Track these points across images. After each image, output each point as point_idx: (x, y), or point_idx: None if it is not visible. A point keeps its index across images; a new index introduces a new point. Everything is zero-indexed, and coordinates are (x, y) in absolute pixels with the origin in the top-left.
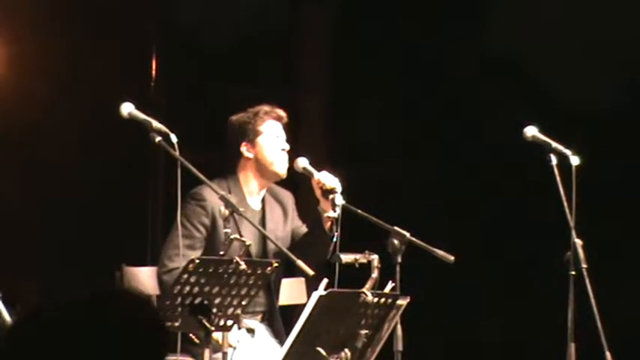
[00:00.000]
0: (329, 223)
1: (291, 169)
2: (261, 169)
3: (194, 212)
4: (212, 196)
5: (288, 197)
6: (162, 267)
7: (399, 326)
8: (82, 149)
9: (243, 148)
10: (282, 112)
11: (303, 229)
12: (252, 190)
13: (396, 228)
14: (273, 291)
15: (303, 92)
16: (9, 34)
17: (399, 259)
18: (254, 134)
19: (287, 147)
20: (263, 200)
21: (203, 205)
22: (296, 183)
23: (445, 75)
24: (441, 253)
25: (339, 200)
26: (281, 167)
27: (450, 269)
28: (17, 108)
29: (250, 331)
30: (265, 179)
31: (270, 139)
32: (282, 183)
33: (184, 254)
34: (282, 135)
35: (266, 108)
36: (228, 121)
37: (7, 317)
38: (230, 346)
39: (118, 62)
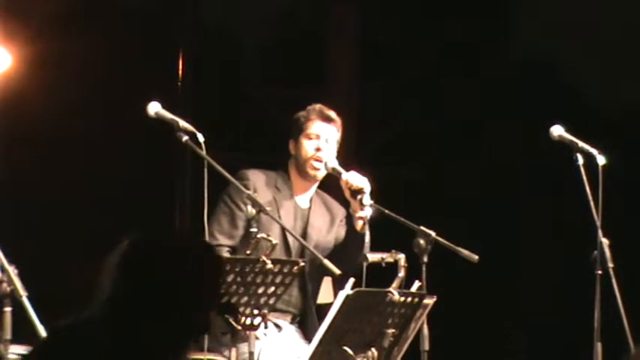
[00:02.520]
0: (361, 223)
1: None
2: (299, 167)
3: (237, 191)
4: (256, 176)
5: (339, 210)
6: None
7: (425, 325)
8: (109, 149)
9: (290, 145)
10: (332, 114)
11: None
12: (299, 187)
13: (422, 227)
14: (308, 294)
15: (333, 93)
16: (35, 32)
17: (425, 259)
18: (299, 132)
19: (325, 149)
20: (311, 200)
21: (246, 185)
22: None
23: (474, 76)
24: (465, 252)
25: (367, 200)
26: (312, 168)
27: (475, 269)
28: (44, 107)
29: (277, 326)
30: (303, 178)
31: (310, 139)
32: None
33: (227, 232)
34: (325, 136)
35: (317, 107)
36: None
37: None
38: (257, 338)
39: (145, 61)
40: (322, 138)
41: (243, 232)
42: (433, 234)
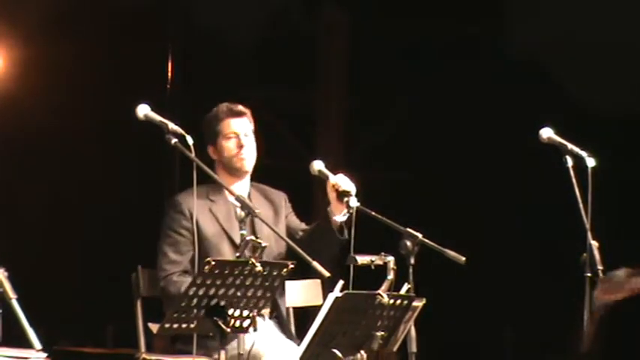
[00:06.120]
0: (338, 225)
1: (307, 171)
2: (227, 168)
3: (173, 220)
4: (186, 198)
5: (279, 196)
6: (159, 280)
7: (412, 328)
8: (98, 150)
9: (210, 151)
10: (241, 108)
11: (303, 225)
12: (230, 186)
13: (409, 229)
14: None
15: (323, 95)
16: (25, 35)
17: (412, 261)
18: (215, 136)
19: (247, 143)
20: (249, 196)
21: (180, 210)
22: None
23: (464, 77)
24: (452, 254)
25: (354, 203)
26: (242, 163)
27: (465, 271)
28: (33, 109)
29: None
30: (235, 177)
31: (229, 138)
32: (300, 186)
33: (174, 260)
34: (243, 131)
35: (224, 107)
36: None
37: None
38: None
39: (134, 63)
40: (241, 133)
41: (191, 253)
42: (420, 236)
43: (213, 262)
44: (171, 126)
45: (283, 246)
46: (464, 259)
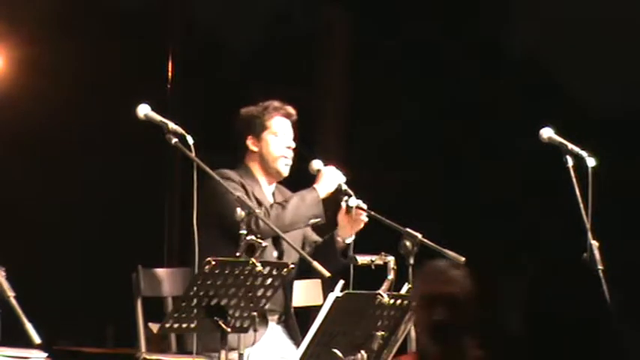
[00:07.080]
0: (343, 247)
1: (307, 170)
2: (265, 164)
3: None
4: (235, 177)
5: None
6: (266, 214)
7: (412, 327)
8: (98, 150)
9: (249, 142)
10: (291, 110)
11: (314, 236)
12: (263, 184)
13: (409, 229)
14: (288, 292)
15: (323, 94)
16: (23, 36)
17: (412, 261)
18: (261, 129)
19: (293, 145)
20: (273, 195)
21: (234, 186)
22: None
23: (464, 76)
24: (452, 254)
25: (353, 202)
26: (283, 166)
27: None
28: (33, 110)
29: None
30: (269, 175)
31: (276, 136)
32: (300, 186)
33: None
34: (289, 133)
35: (276, 104)
36: (238, 112)
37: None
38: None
39: (135, 63)
40: (288, 135)
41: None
42: (419, 236)
43: (213, 262)
44: (172, 126)
45: (299, 243)
46: (463, 259)
